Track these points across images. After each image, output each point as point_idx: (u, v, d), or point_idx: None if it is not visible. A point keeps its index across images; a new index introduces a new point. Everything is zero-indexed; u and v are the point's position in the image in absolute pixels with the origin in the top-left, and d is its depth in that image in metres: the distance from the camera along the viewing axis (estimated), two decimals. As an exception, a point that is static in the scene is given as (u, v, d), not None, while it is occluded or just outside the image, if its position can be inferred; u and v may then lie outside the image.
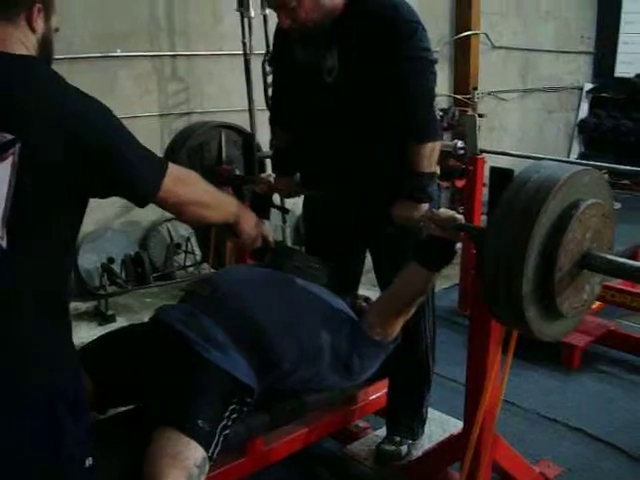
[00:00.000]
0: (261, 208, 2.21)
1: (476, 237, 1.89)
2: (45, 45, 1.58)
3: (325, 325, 2.09)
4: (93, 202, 1.58)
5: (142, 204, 1.63)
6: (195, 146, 2.67)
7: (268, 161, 3.32)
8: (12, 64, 1.47)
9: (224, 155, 2.71)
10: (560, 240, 1.57)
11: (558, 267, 1.59)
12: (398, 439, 2.52)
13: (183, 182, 1.67)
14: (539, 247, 1.57)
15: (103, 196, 1.55)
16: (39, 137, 1.40)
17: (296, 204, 2.94)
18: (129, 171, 1.53)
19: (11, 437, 1.44)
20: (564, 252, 1.59)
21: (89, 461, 1.55)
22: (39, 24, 1.54)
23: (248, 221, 2.02)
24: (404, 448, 2.51)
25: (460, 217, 1.94)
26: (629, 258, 1.71)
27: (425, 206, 2.17)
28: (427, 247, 2.02)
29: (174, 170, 1.64)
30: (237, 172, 2.67)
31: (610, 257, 1.65)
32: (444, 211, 1.98)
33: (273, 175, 2.55)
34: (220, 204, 1.88)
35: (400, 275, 2.09)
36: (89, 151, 1.44)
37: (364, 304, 2.32)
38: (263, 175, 2.59)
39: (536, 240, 1.55)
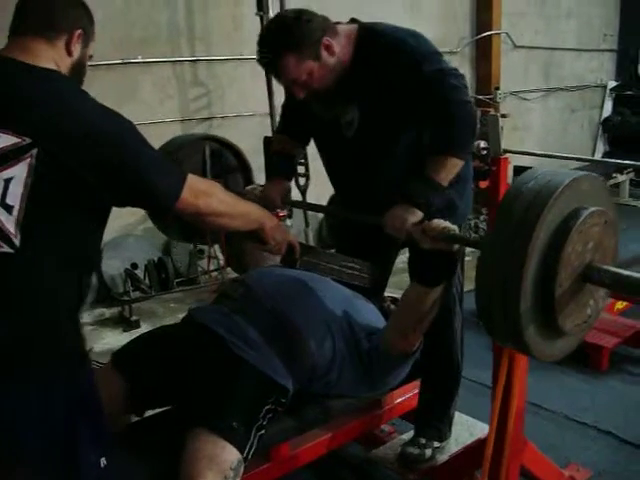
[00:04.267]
0: None
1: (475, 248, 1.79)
2: (78, 68, 1.65)
3: (351, 334, 2.06)
4: (115, 209, 1.59)
5: (160, 215, 1.65)
6: (179, 159, 2.59)
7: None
8: (39, 76, 1.51)
9: (208, 168, 2.65)
10: (559, 254, 1.43)
11: (558, 283, 1.45)
12: (423, 441, 2.49)
13: (204, 193, 1.68)
14: (537, 261, 1.43)
15: (121, 205, 1.57)
16: (58, 145, 1.43)
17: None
18: (146, 183, 1.55)
19: (30, 441, 1.45)
20: (564, 267, 1.45)
21: (104, 461, 1.56)
22: (77, 48, 1.62)
23: (273, 228, 2.02)
24: (428, 451, 2.47)
25: (454, 227, 1.80)
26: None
27: (419, 215, 1.99)
28: (420, 262, 1.90)
29: (194, 182, 1.65)
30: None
31: (613, 270, 1.50)
32: (437, 222, 1.81)
33: (259, 187, 2.46)
34: (242, 213, 1.88)
35: (404, 293, 1.99)
36: (106, 163, 1.47)
37: (392, 306, 2.30)
38: (248, 188, 2.49)
39: (533, 255, 1.41)
